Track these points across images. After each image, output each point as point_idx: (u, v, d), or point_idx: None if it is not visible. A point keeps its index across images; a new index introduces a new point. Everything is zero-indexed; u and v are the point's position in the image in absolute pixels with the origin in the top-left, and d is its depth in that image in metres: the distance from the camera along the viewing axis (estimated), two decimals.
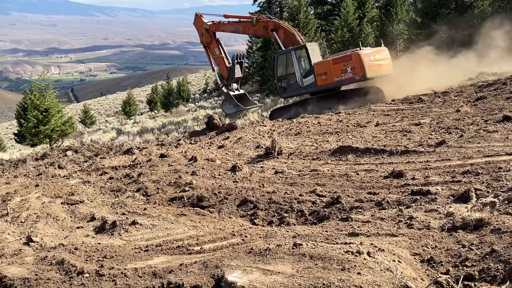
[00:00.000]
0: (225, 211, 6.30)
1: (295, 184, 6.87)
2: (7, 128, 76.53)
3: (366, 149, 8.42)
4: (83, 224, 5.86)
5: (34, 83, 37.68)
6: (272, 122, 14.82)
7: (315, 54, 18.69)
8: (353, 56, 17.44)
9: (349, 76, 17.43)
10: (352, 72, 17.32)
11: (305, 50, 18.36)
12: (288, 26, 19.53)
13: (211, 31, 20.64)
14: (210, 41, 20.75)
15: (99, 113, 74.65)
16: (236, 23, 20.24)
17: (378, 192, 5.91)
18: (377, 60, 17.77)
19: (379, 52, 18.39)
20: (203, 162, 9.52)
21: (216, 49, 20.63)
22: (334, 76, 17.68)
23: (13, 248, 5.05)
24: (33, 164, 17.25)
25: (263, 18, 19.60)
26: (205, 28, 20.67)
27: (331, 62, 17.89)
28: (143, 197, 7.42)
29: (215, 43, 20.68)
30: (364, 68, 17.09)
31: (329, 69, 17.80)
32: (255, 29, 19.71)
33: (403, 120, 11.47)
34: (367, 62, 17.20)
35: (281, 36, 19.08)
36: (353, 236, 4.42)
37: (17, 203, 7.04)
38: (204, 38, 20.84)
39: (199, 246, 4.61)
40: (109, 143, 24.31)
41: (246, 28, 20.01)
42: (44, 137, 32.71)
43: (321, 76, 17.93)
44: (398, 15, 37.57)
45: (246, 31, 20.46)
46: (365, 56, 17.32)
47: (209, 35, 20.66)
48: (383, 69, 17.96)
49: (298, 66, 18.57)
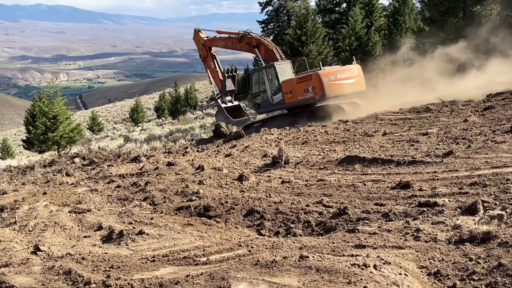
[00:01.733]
0: (231, 221, 6.30)
1: (302, 194, 6.87)
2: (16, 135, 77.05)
3: (373, 159, 8.40)
4: (90, 233, 5.88)
5: (42, 90, 37.98)
6: (279, 130, 14.84)
7: (286, 72, 19.24)
8: (313, 76, 18.01)
9: (310, 95, 18.03)
10: (313, 92, 17.90)
11: (273, 69, 18.98)
12: (268, 43, 20.29)
13: (207, 46, 21.75)
14: (206, 55, 21.89)
15: (107, 120, 75.02)
16: (226, 39, 21.38)
17: (385, 203, 5.90)
18: (340, 79, 18.19)
19: (343, 71, 18.80)
20: (210, 171, 9.54)
21: (211, 63, 21.72)
22: (298, 95, 18.33)
23: (21, 257, 5.08)
24: (41, 171, 17.35)
25: (248, 34, 20.44)
26: (202, 43, 21.84)
27: (295, 81, 18.51)
28: (150, 206, 7.44)
29: (210, 57, 21.76)
30: (323, 88, 17.64)
31: (294, 88, 18.46)
32: (241, 45, 20.63)
33: (411, 130, 11.44)
34: (326, 82, 17.69)
35: (262, 52, 19.94)
36: (359, 248, 4.41)
37: (25, 211, 7.08)
38: (201, 53, 22.09)
39: (205, 257, 4.61)
40: (116, 150, 24.43)
41: (233, 44, 21.01)
42: (52, 144, 32.89)
43: (287, 94, 18.61)
44: (406, 23, 37.55)
45: (234, 47, 21.32)
46: (324, 76, 17.80)
47: (205, 50, 21.82)
48: (348, 87, 18.37)
49: (268, 84, 19.30)
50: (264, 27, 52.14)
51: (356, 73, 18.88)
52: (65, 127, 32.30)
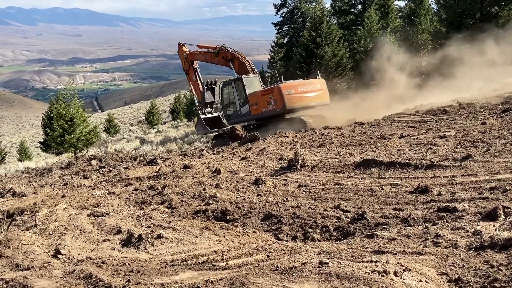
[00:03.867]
0: (249, 225, 6.32)
1: (319, 199, 6.86)
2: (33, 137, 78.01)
3: (390, 162, 8.36)
4: (110, 237, 5.93)
5: (59, 92, 38.40)
6: (294, 133, 14.84)
7: (253, 85, 20.28)
8: (274, 89, 19.04)
9: (272, 107, 18.99)
10: (275, 104, 18.84)
11: (241, 82, 20.13)
12: (242, 57, 21.33)
13: (189, 59, 22.91)
14: (188, 68, 23.10)
15: (122, 122, 75.57)
16: (205, 53, 22.58)
17: (403, 208, 5.86)
18: (301, 93, 19.13)
19: (304, 85, 19.76)
20: (226, 174, 9.57)
21: (193, 76, 22.88)
22: (262, 107, 19.31)
23: (42, 260, 5.15)
24: (58, 173, 17.55)
25: (224, 49, 21.61)
26: (184, 56, 23.03)
27: (260, 93, 19.47)
28: (168, 210, 7.48)
29: (192, 70, 22.91)
30: (283, 100, 18.58)
31: (258, 100, 19.45)
32: (218, 59, 21.88)
33: (428, 133, 11.35)
34: (286, 95, 18.63)
35: (236, 66, 21.12)
36: (379, 254, 4.39)
37: (45, 214, 7.16)
38: (184, 66, 23.39)
39: (224, 262, 4.63)
40: (133, 153, 24.62)
41: (212, 58, 22.21)
42: (69, 146, 33.25)
43: (253, 106, 19.64)
44: (422, 25, 37.28)
45: (212, 60, 22.46)
46: (284, 89, 18.76)
47: (188, 63, 22.99)
48: (309, 100, 19.36)
49: (237, 96, 20.43)
50: (278, 29, 52.11)
51: (319, 87, 19.84)
52: (82, 130, 32.64)
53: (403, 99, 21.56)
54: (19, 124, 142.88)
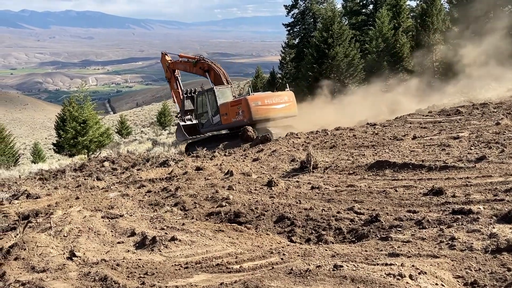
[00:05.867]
0: (262, 227, 6.31)
1: (332, 201, 6.84)
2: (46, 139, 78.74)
3: (404, 164, 8.30)
4: (124, 239, 5.96)
5: (72, 95, 38.71)
6: (306, 134, 14.81)
7: (225, 95, 21.14)
8: (242, 100, 19.77)
9: (240, 118, 19.71)
10: (242, 115, 19.56)
11: (213, 92, 21.00)
12: (218, 68, 22.21)
13: (171, 68, 23.79)
14: (170, 76, 23.96)
15: (135, 123, 76.01)
16: (185, 62, 23.47)
17: (417, 210, 5.82)
18: (267, 105, 19.83)
19: (272, 97, 20.46)
20: (239, 176, 9.58)
21: (174, 84, 23.76)
22: (231, 117, 20.02)
23: (57, 262, 5.19)
24: (72, 175, 17.69)
25: (201, 60, 22.52)
26: (166, 65, 23.93)
27: (229, 104, 20.21)
28: (181, 212, 7.51)
29: (173, 79, 23.79)
30: (250, 111, 19.27)
31: (228, 111, 20.15)
32: (196, 69, 22.72)
33: (441, 133, 11.27)
34: (253, 106, 19.34)
35: (212, 76, 22.04)
36: (393, 257, 4.36)
37: (60, 216, 7.22)
38: (166, 74, 24.23)
39: (238, 265, 4.63)
40: (145, 154, 24.76)
41: (190, 67, 23.07)
42: (82, 148, 33.49)
43: (224, 116, 20.37)
44: (434, 24, 37.03)
45: (190, 70, 23.33)
46: (251, 101, 19.46)
47: (169, 72, 23.82)
48: (276, 112, 20.06)
49: (210, 106, 21.22)
50: (290, 30, 52.10)
51: (286, 99, 20.49)
52: (95, 132, 32.87)
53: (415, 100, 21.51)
54: (33, 126, 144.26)
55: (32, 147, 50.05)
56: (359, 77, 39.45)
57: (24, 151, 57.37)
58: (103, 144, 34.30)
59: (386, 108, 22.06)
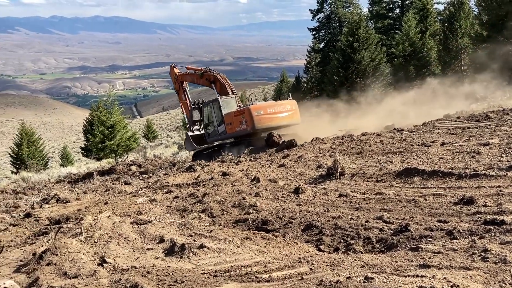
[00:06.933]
0: (290, 235, 6.30)
1: (361, 209, 6.79)
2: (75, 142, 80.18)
3: (433, 171, 8.19)
4: (153, 246, 6.03)
5: (100, 99, 39.28)
6: (332, 139, 14.73)
7: (230, 105, 21.62)
8: (245, 110, 20.13)
9: (243, 127, 20.13)
10: (245, 124, 19.97)
11: (218, 103, 21.53)
12: (223, 79, 22.69)
13: (179, 80, 24.40)
14: (178, 88, 24.55)
15: (161, 127, 76.80)
16: (192, 74, 24.03)
17: (448, 220, 5.74)
18: (270, 114, 20.26)
19: (274, 106, 20.86)
20: (265, 182, 9.59)
21: (182, 96, 24.26)
22: (235, 127, 20.45)
23: (88, 268, 5.27)
24: (100, 179, 17.99)
25: (208, 71, 23.01)
26: (175, 77, 24.58)
27: (233, 114, 20.64)
28: (209, 218, 7.55)
29: (182, 91, 24.30)
30: (253, 121, 19.66)
31: (232, 120, 20.58)
32: (202, 80, 23.27)
33: (470, 140, 11.07)
34: (255, 115, 19.75)
35: (218, 87, 22.50)
36: (424, 268, 4.30)
37: (90, 222, 7.34)
38: (175, 86, 24.89)
39: (267, 274, 4.63)
40: (171, 158, 25.05)
41: (197, 79, 23.64)
42: (109, 152, 34.02)
43: (228, 126, 20.79)
44: (462, 28, 36.48)
45: (197, 81, 23.91)
46: (254, 110, 19.88)
47: (178, 84, 24.43)
48: (279, 120, 20.44)
49: (215, 116, 21.78)
50: (315, 34, 52.04)
51: (289, 108, 20.84)
52: (122, 136, 33.36)
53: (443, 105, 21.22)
54: (61, 129, 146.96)
55: (60, 151, 51.01)
56: (385, 81, 39.10)
57: (53, 154, 58.52)
58: (130, 148, 34.78)
59: (413, 113, 21.81)
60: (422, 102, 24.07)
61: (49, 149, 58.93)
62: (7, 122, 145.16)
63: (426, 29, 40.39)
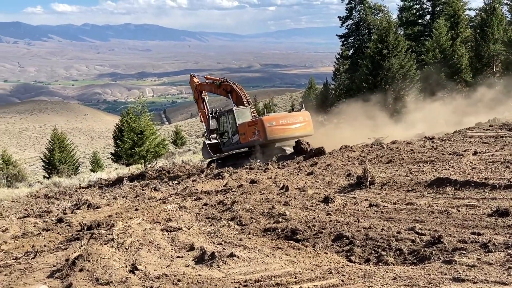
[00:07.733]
0: (320, 245, 6.26)
1: (392, 220, 6.70)
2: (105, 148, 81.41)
3: (465, 182, 8.04)
4: (183, 254, 6.06)
5: (129, 106, 39.85)
6: (361, 147, 14.61)
7: (244, 115, 22.01)
8: (258, 121, 20.49)
9: (256, 137, 20.46)
10: (258, 135, 20.30)
11: (232, 113, 21.93)
12: (239, 89, 23.13)
13: (198, 89, 24.84)
14: (197, 97, 25.02)
15: (189, 134, 77.37)
16: (210, 84, 24.44)
17: (482, 233, 5.61)
18: (282, 125, 20.62)
19: (287, 117, 21.31)
20: (294, 191, 9.56)
21: (201, 105, 24.68)
22: (249, 137, 20.79)
23: (120, 275, 5.34)
24: (129, 185, 18.22)
25: (225, 81, 23.37)
26: (194, 86, 25.03)
27: (247, 124, 20.98)
28: (238, 227, 7.56)
29: (200, 100, 24.75)
30: (265, 132, 19.97)
31: (246, 130, 20.92)
32: (220, 90, 23.68)
33: (504, 149, 10.85)
34: (268, 126, 20.10)
35: (234, 97, 22.94)
36: (458, 282, 4.22)
37: (121, 228, 7.43)
38: (194, 95, 25.42)
39: (298, 285, 4.61)
40: (199, 165, 25.22)
41: (215, 89, 24.08)
42: (139, 158, 34.43)
43: (242, 136, 21.17)
44: (495, 35, 35.77)
45: (215, 91, 24.35)
46: (266, 121, 20.23)
47: (197, 93, 24.90)
48: (291, 131, 20.68)
49: (230, 126, 22.23)
50: (344, 41, 51.81)
51: (301, 119, 21.12)
52: (151, 142, 33.72)
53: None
54: (92, 135, 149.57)
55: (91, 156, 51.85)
56: (415, 88, 38.61)
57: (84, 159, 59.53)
58: (159, 154, 35.13)
59: (443, 120, 21.49)
60: (453, 110, 23.69)
61: (80, 155, 60.02)
62: (39, 128, 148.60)
63: (457, 36, 39.74)
